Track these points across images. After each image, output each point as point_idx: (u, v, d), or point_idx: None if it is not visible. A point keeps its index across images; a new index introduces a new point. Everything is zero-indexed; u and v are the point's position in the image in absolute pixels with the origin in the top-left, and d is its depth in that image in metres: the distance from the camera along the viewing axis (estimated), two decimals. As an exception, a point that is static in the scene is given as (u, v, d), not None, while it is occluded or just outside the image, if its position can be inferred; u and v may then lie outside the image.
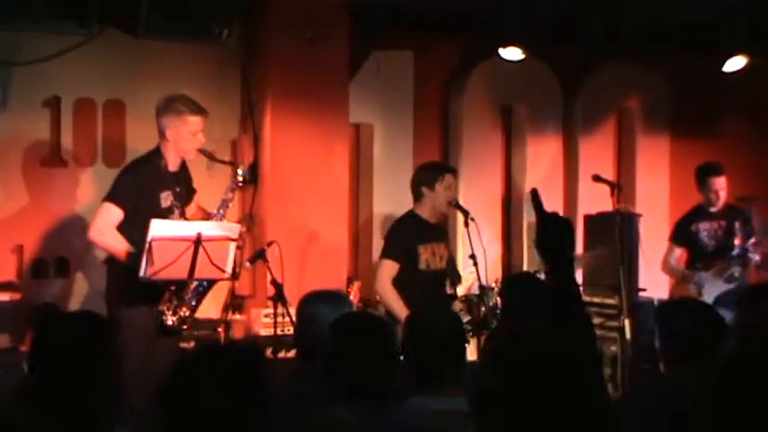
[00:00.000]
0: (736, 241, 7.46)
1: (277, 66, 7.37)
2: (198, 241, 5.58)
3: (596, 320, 7.94)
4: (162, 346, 5.59)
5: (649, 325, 7.12)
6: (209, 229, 5.71)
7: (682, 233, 7.66)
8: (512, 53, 7.99)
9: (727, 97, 9.09)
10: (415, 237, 6.72)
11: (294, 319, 4.84)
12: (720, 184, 7.56)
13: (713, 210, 7.59)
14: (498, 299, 6.59)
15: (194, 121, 5.97)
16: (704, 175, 7.62)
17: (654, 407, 3.74)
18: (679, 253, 7.59)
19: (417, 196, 6.79)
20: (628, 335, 6.93)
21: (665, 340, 4.24)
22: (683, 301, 5.28)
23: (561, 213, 9.50)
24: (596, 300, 7.99)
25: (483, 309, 6.68)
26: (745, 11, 6.36)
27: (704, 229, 7.56)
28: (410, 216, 6.80)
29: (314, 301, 4.40)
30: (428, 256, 6.72)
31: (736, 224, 7.54)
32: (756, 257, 7.39)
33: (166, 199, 5.96)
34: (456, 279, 7.09)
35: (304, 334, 4.35)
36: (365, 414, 3.46)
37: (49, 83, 6.68)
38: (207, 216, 6.14)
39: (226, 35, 6.56)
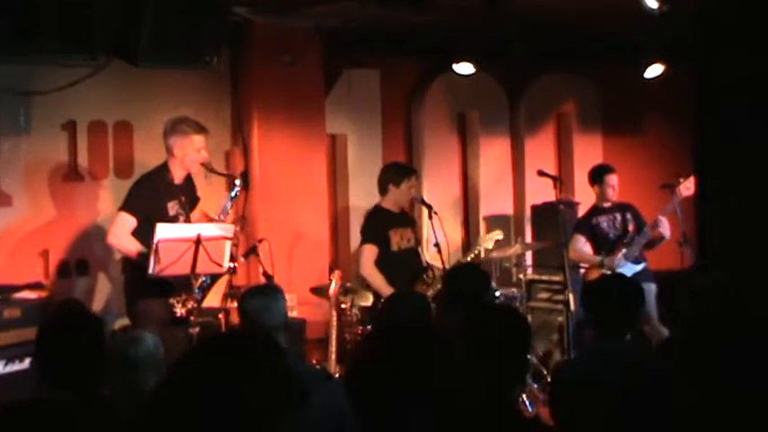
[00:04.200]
0: (630, 228, 7.54)
1: (261, 86, 7.40)
2: (198, 241, 5.55)
3: (544, 295, 8.06)
4: (173, 334, 5.54)
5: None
6: (207, 230, 5.68)
7: (584, 225, 7.65)
8: (464, 68, 8.05)
9: (649, 100, 9.18)
10: (385, 224, 6.84)
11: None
12: (615, 179, 7.59)
13: (606, 206, 7.63)
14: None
15: (198, 139, 6.01)
16: (602, 173, 7.64)
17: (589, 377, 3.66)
18: (583, 241, 7.62)
19: (383, 191, 6.89)
20: (572, 306, 7.03)
21: (596, 315, 4.21)
22: (607, 278, 5.25)
23: (512, 204, 9.40)
24: (544, 277, 8.07)
25: None
26: (661, 25, 6.45)
27: (603, 222, 7.60)
28: (377, 208, 6.93)
29: (249, 296, 4.39)
30: (398, 239, 6.85)
31: (628, 215, 7.61)
32: (666, 234, 7.43)
33: (173, 208, 5.98)
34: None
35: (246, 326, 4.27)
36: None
37: (65, 109, 6.62)
38: (210, 221, 6.12)
39: (215, 61, 6.52)
